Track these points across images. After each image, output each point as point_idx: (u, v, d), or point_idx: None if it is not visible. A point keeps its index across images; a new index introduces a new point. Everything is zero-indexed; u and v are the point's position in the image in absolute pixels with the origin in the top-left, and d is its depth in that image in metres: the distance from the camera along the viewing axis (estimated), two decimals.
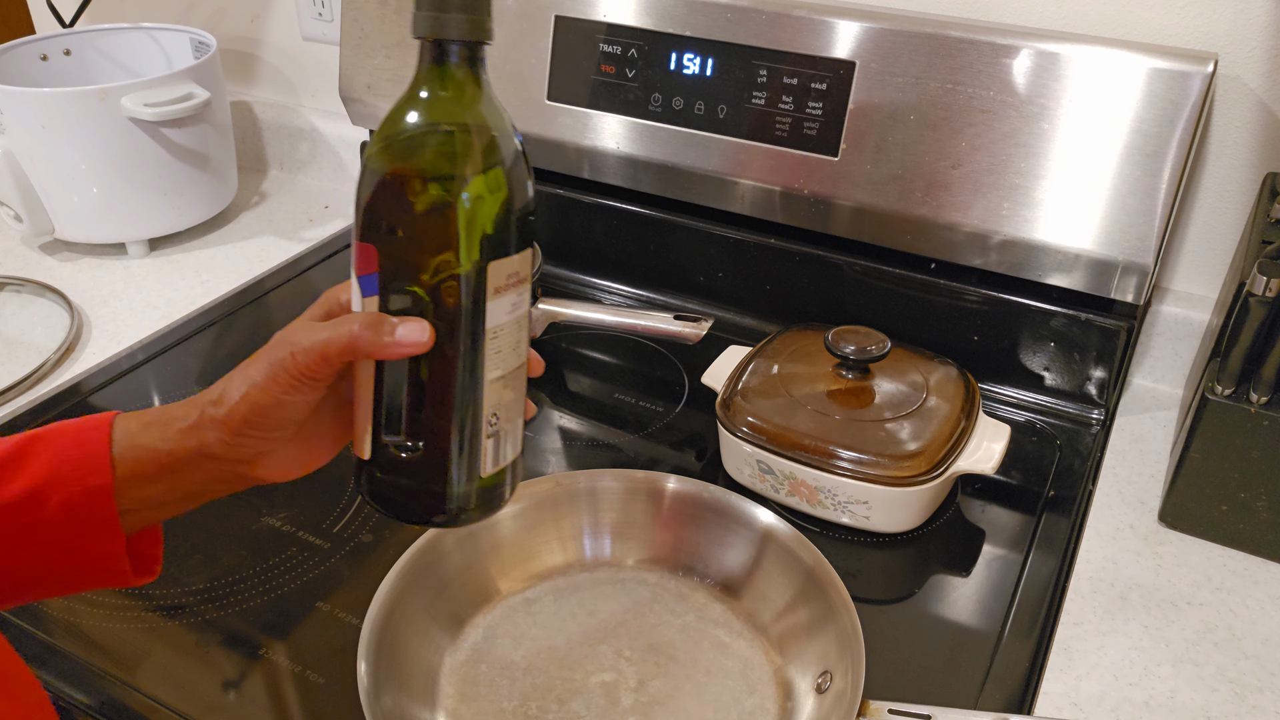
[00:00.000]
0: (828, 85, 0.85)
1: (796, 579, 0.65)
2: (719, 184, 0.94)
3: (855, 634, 0.58)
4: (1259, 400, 0.69)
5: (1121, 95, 0.77)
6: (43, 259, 1.12)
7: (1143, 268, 0.80)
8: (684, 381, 0.93)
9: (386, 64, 1.07)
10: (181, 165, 1.10)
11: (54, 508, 0.47)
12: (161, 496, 0.49)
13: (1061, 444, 0.86)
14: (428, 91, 0.45)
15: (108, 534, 0.48)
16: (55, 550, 0.48)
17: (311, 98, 1.29)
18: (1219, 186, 0.86)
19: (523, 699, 0.61)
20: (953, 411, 0.76)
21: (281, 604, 0.69)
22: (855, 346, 0.78)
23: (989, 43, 0.80)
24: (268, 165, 1.33)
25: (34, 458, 0.48)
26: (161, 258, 1.13)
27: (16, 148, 1.03)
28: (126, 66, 1.22)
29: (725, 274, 1.00)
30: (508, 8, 0.97)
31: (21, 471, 0.47)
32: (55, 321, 1.00)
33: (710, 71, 0.89)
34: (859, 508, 0.74)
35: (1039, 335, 0.88)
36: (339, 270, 1.11)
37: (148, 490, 0.48)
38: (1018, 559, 0.74)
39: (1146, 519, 0.77)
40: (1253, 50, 0.80)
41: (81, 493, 0.47)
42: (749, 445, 0.76)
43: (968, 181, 0.83)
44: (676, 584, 0.69)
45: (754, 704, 0.61)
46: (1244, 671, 0.65)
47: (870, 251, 0.92)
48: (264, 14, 1.25)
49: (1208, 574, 0.72)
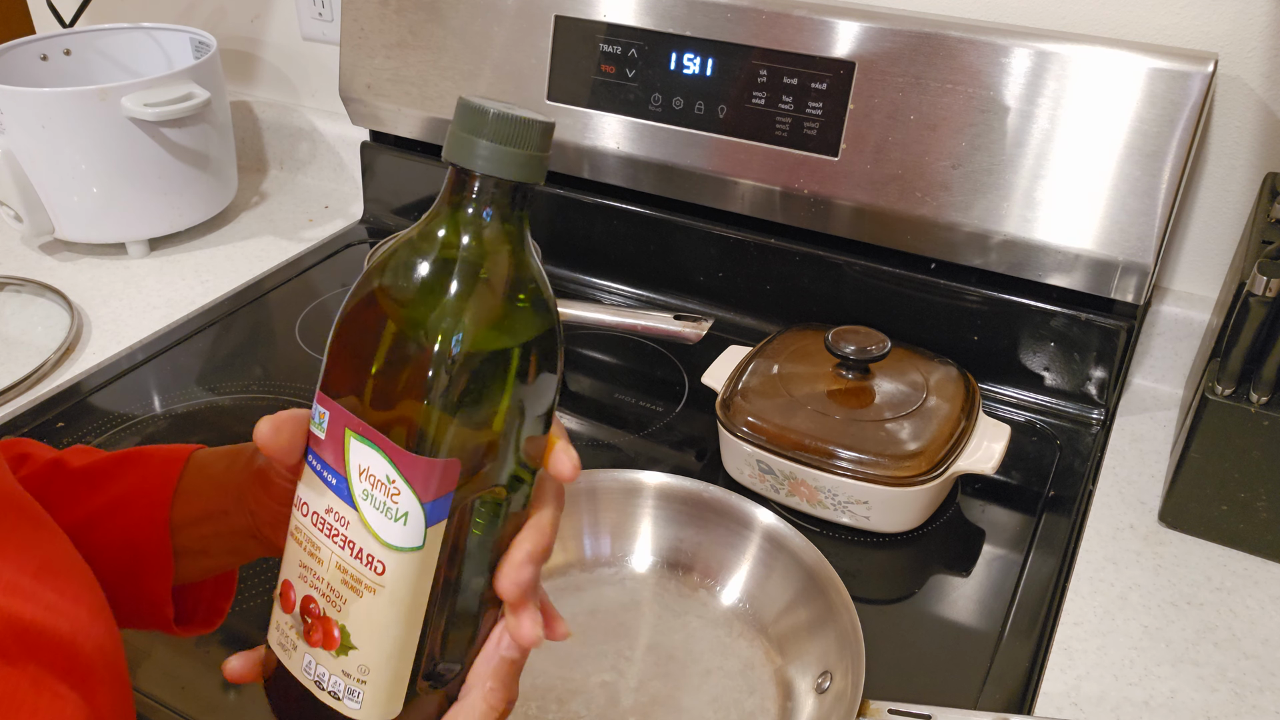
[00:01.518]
0: (828, 85, 0.85)
1: (796, 579, 0.65)
2: (719, 184, 0.94)
3: (855, 634, 0.58)
4: (1259, 400, 0.69)
5: (1121, 95, 0.77)
6: (42, 259, 1.12)
7: (1143, 268, 0.80)
8: (684, 381, 0.93)
9: (386, 64, 1.07)
10: (181, 165, 1.10)
11: (117, 530, 0.46)
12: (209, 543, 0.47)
13: (1062, 444, 0.86)
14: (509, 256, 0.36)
15: (160, 569, 0.47)
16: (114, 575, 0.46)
17: (311, 97, 1.29)
18: (1219, 186, 0.86)
19: (522, 699, 0.61)
20: (953, 411, 0.76)
21: None
22: (855, 346, 0.78)
23: (989, 43, 0.80)
24: (268, 165, 1.33)
25: (121, 477, 0.47)
26: (161, 258, 1.13)
27: (16, 148, 1.03)
28: (126, 66, 1.22)
29: (725, 274, 1.00)
30: (508, 8, 0.97)
31: (107, 488, 0.47)
32: (55, 321, 1.00)
33: (710, 71, 0.89)
34: (859, 508, 0.74)
35: (1039, 335, 0.88)
36: (339, 270, 1.12)
37: (198, 531, 0.47)
38: (1018, 559, 0.74)
39: (1147, 519, 0.77)
40: (1253, 50, 0.80)
41: (143, 521, 0.46)
42: (749, 445, 0.76)
43: (968, 181, 0.83)
44: (676, 584, 0.69)
45: (754, 704, 0.61)
46: (1244, 671, 0.65)
47: (870, 251, 0.92)
48: (264, 14, 1.25)
49: (1208, 574, 0.72)
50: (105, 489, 0.47)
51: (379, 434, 0.35)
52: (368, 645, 0.37)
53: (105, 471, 0.48)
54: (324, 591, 0.37)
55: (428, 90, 1.05)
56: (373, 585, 0.36)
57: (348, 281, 1.09)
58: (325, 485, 0.37)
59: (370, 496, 0.36)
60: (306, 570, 0.38)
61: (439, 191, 0.37)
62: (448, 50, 1.03)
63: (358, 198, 1.24)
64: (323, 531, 0.37)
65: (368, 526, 0.36)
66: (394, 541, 0.36)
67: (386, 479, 0.35)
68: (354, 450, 0.36)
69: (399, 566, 0.36)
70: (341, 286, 1.08)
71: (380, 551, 0.36)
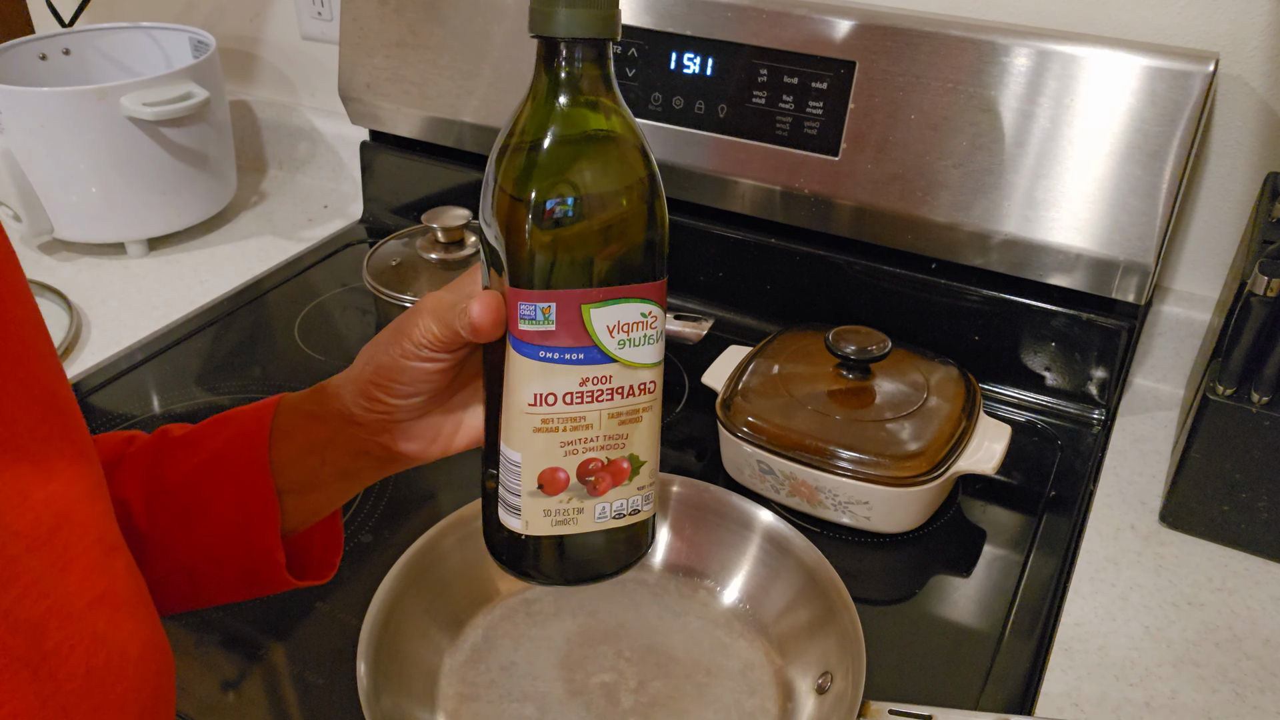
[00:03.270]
0: (828, 84, 0.85)
1: (797, 579, 0.65)
2: (719, 183, 0.94)
3: (856, 634, 0.58)
4: (1260, 400, 0.69)
5: (1122, 95, 0.77)
6: (42, 259, 1.12)
7: (1144, 267, 0.80)
8: (684, 381, 0.93)
9: (386, 63, 1.07)
10: (180, 165, 1.09)
11: (222, 478, 0.49)
12: (316, 473, 0.49)
13: (1062, 444, 0.86)
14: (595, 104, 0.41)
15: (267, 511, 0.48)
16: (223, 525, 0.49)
17: (311, 97, 1.29)
18: (1220, 186, 0.86)
19: (522, 700, 0.61)
20: (953, 411, 0.76)
21: (281, 604, 0.69)
22: (856, 346, 0.77)
23: (989, 42, 0.79)
24: (267, 165, 1.33)
25: (218, 434, 0.50)
26: (160, 257, 1.12)
27: (16, 147, 1.02)
28: (126, 66, 1.22)
29: (725, 274, 1.00)
30: (508, 7, 0.97)
31: (206, 445, 0.50)
32: (54, 321, 1.00)
33: (710, 71, 0.89)
34: (859, 508, 0.74)
35: (1040, 335, 0.88)
36: (339, 270, 1.11)
37: (304, 465, 0.49)
38: (1019, 559, 0.74)
39: (1147, 519, 0.77)
40: (1253, 50, 0.80)
41: (244, 463, 0.48)
42: (749, 445, 0.76)
43: (968, 181, 0.83)
44: (676, 584, 0.69)
45: (754, 705, 0.61)
46: (1245, 672, 0.65)
47: (871, 251, 0.92)
48: (263, 13, 1.25)
49: (1209, 574, 0.72)
50: (205, 446, 0.50)
51: (624, 288, 0.41)
52: (648, 451, 0.44)
53: (203, 433, 0.51)
54: (602, 444, 0.42)
55: (427, 89, 1.05)
56: (649, 404, 0.43)
57: (347, 281, 1.08)
58: (571, 364, 0.41)
59: (628, 342, 0.41)
60: (573, 444, 0.42)
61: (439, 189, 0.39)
62: (447, 49, 1.02)
63: (357, 197, 1.24)
64: (583, 402, 0.41)
65: (632, 365, 0.42)
66: (656, 359, 0.42)
67: (643, 316, 0.41)
68: (597, 318, 0.40)
69: (660, 372, 0.43)
70: (341, 286, 1.08)
71: (648, 374, 0.42)
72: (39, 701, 0.31)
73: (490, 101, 1.02)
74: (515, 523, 0.43)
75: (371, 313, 1.04)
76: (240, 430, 0.50)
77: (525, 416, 0.41)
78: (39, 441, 0.35)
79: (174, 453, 0.51)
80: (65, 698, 0.32)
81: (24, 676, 0.31)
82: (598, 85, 0.40)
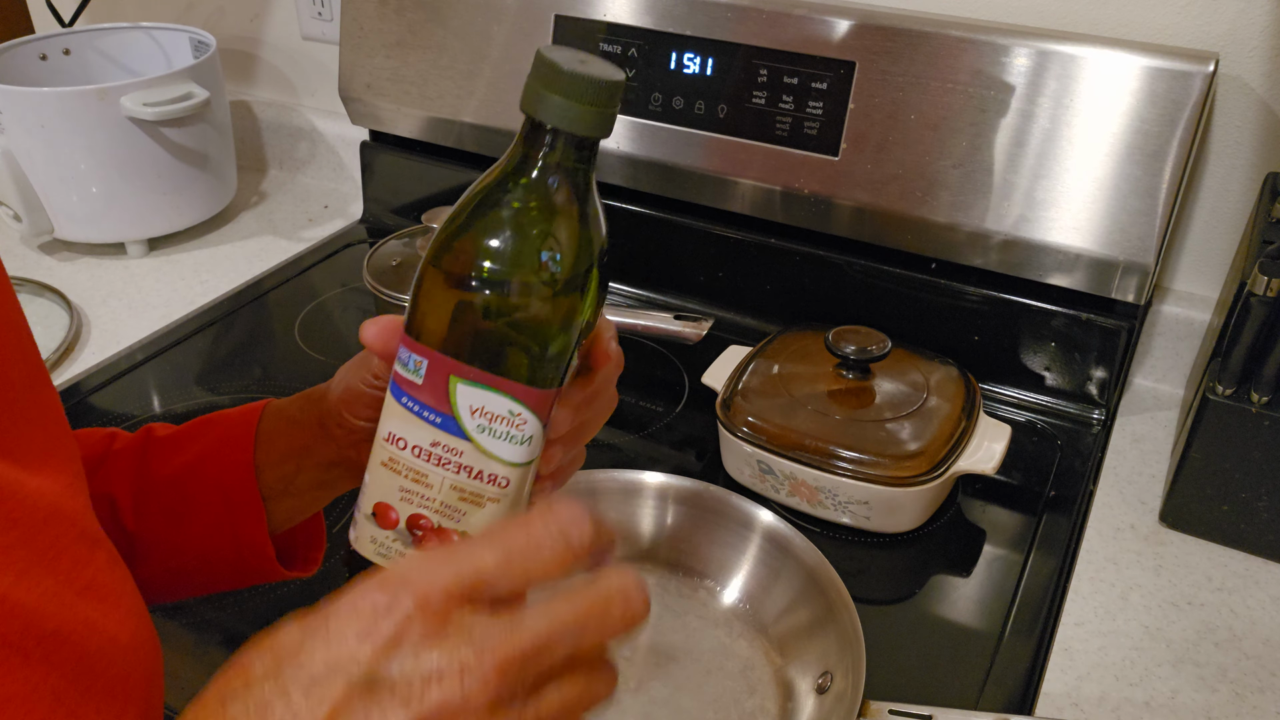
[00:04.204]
0: (828, 85, 0.85)
1: (797, 579, 0.65)
2: (719, 184, 0.94)
3: (856, 634, 0.58)
4: (1260, 400, 0.69)
5: (1122, 95, 0.77)
6: (42, 259, 1.12)
7: (1143, 267, 0.80)
8: (684, 381, 0.93)
9: (386, 63, 1.07)
10: (181, 165, 1.09)
11: (208, 479, 0.50)
12: (293, 480, 0.50)
13: (1062, 444, 0.86)
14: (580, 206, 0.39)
15: (252, 511, 0.50)
16: (210, 524, 0.50)
17: (311, 97, 1.29)
18: (1219, 186, 0.86)
19: None
20: (953, 411, 0.76)
21: (281, 604, 0.69)
22: (855, 346, 0.77)
23: (989, 42, 0.79)
24: (267, 165, 1.33)
25: (203, 435, 0.51)
26: (161, 257, 1.12)
27: (16, 147, 1.03)
28: (126, 66, 1.22)
29: (725, 274, 1.00)
30: (508, 7, 0.97)
31: (193, 445, 0.51)
32: (54, 321, 1.00)
33: (710, 71, 0.89)
34: (859, 508, 0.74)
35: (1040, 335, 0.88)
36: (339, 270, 1.11)
37: (282, 470, 0.50)
38: (1018, 559, 0.74)
39: (1147, 519, 0.77)
40: (1253, 50, 0.80)
41: (230, 465, 0.49)
42: (749, 445, 0.76)
43: (968, 181, 0.83)
44: (676, 584, 0.69)
45: (754, 704, 0.61)
46: (1245, 672, 0.65)
47: (871, 251, 0.92)
48: (263, 13, 1.25)
49: (1209, 574, 0.72)
50: (192, 446, 0.51)
51: (499, 379, 0.38)
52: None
53: (189, 433, 0.52)
54: (437, 509, 0.40)
55: (427, 90, 1.05)
56: (496, 496, 0.40)
57: (347, 281, 1.08)
58: (426, 423, 0.39)
59: (489, 429, 0.39)
60: (410, 494, 0.40)
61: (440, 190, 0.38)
62: (447, 50, 1.02)
63: (357, 197, 1.24)
64: (430, 461, 0.40)
65: (486, 453, 0.39)
66: (518, 460, 0.39)
67: (510, 413, 0.39)
68: (462, 393, 0.38)
69: (520, 475, 0.40)
70: (342, 286, 1.08)
71: (503, 469, 0.39)
72: (29, 687, 0.31)
73: (490, 101, 1.02)
74: (351, 532, 0.43)
75: (372, 313, 1.04)
76: (227, 433, 0.51)
77: (381, 447, 0.40)
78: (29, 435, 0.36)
79: (160, 451, 0.52)
80: (57, 682, 0.32)
81: (15, 662, 0.31)
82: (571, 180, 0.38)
